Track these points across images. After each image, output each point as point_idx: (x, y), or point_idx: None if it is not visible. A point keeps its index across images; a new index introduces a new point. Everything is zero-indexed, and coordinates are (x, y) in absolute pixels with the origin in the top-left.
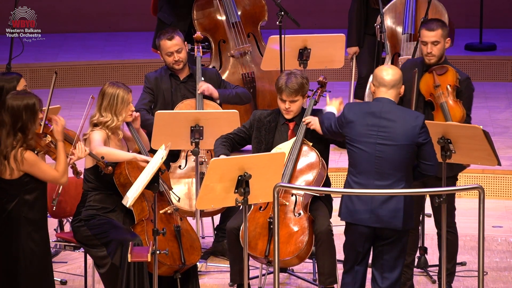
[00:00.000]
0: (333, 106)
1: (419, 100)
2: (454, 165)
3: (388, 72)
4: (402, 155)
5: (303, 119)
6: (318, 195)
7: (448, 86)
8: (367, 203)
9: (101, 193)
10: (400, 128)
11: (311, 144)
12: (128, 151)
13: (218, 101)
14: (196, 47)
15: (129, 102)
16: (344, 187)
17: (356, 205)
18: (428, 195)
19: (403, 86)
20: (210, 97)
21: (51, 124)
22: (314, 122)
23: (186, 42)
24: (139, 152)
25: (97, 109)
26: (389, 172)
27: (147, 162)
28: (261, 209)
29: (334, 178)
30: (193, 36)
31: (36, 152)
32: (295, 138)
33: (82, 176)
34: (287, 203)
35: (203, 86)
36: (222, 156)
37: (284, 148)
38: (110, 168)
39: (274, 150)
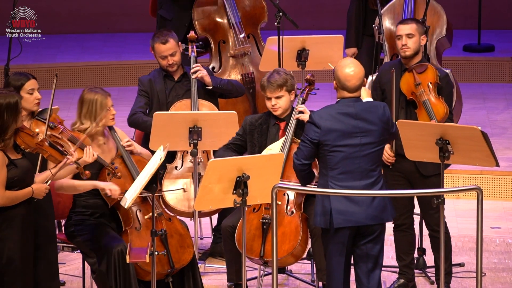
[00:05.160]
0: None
1: (401, 100)
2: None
3: (351, 78)
4: (381, 150)
5: (295, 107)
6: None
7: (429, 84)
8: (359, 203)
9: (90, 198)
10: (377, 126)
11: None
12: (116, 154)
13: (210, 87)
14: (190, 47)
15: (109, 107)
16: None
17: (349, 208)
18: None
19: (365, 79)
20: (204, 95)
21: (62, 125)
22: (307, 114)
23: (180, 43)
24: (122, 158)
25: (77, 117)
26: (370, 169)
27: (108, 190)
28: (255, 210)
29: None
30: (187, 36)
31: (23, 148)
32: (284, 137)
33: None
34: (279, 202)
35: (198, 73)
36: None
37: (274, 148)
38: (119, 173)
39: (264, 152)
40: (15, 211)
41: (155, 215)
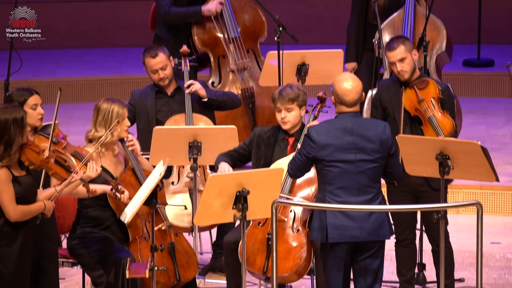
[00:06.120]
0: None
1: (404, 117)
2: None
3: (349, 92)
4: (378, 167)
5: (306, 124)
6: None
7: (432, 99)
8: (355, 219)
9: (96, 210)
10: (375, 143)
11: None
12: (127, 167)
13: (205, 100)
14: (183, 61)
15: (124, 117)
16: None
17: (344, 223)
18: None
19: (363, 93)
20: (199, 108)
21: (65, 139)
22: None
23: (171, 57)
24: (133, 170)
25: (92, 125)
26: (368, 186)
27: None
28: (260, 225)
29: None
30: (180, 50)
31: (27, 165)
32: (294, 153)
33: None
34: (286, 219)
35: (192, 87)
36: (222, 164)
37: (282, 163)
38: (122, 189)
39: (273, 166)
40: (15, 229)
41: (164, 227)
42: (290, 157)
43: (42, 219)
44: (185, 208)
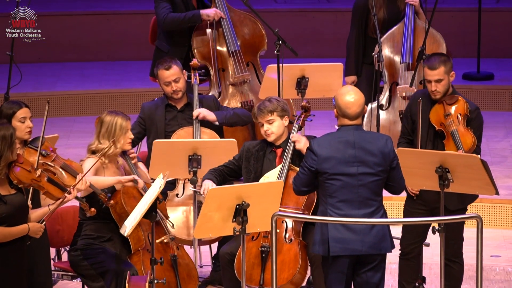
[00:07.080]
0: None
1: (429, 133)
2: (465, 197)
3: (351, 105)
4: (380, 181)
5: (291, 136)
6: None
7: (459, 115)
8: (356, 232)
9: (97, 222)
10: (377, 157)
11: (298, 169)
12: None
13: (217, 123)
14: (192, 74)
15: (128, 130)
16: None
17: (346, 236)
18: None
19: (365, 106)
20: (208, 122)
21: (54, 152)
22: (300, 142)
23: (184, 71)
24: (135, 182)
25: (96, 137)
26: (370, 199)
27: (132, 181)
28: (253, 238)
29: None
30: (190, 63)
31: (15, 184)
32: (281, 164)
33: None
34: (278, 230)
35: (196, 112)
36: (206, 181)
37: (271, 176)
38: (112, 201)
39: (262, 179)
40: (4, 250)
41: (167, 240)
42: (277, 169)
43: (34, 253)
44: (172, 227)
